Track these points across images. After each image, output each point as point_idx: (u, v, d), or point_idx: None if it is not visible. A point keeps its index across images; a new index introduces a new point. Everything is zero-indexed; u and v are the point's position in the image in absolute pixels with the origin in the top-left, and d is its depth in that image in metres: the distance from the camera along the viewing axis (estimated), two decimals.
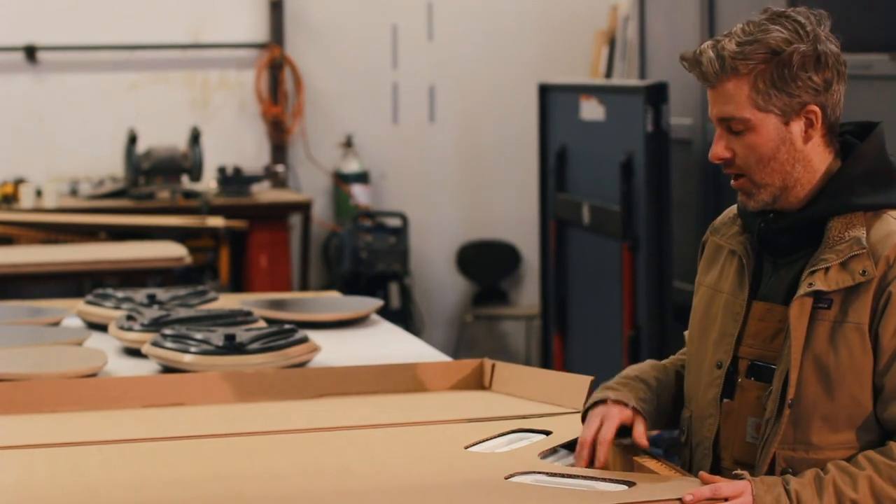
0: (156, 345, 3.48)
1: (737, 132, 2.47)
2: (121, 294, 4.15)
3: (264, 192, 7.79)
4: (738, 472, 2.38)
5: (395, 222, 7.96)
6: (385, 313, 4.37)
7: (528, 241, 8.16)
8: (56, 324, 4.05)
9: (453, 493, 2.45)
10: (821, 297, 2.42)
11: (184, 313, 3.85)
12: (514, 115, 8.22)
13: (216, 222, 6.99)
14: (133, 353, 3.64)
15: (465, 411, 2.99)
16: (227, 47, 8.01)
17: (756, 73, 2.43)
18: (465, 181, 8.36)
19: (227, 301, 4.29)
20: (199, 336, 3.47)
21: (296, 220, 7.93)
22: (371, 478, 2.54)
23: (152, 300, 4.10)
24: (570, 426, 2.75)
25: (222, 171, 7.60)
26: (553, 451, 2.64)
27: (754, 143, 2.46)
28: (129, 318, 3.79)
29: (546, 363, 6.83)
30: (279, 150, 8.07)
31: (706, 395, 2.57)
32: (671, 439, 5.21)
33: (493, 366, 3.27)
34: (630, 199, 6.01)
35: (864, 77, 4.95)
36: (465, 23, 8.25)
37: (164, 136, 7.67)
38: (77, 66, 7.83)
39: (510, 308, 8.38)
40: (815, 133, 2.47)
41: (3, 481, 2.54)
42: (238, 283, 7.52)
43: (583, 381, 2.96)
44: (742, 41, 2.44)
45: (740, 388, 2.53)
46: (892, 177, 2.48)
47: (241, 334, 3.49)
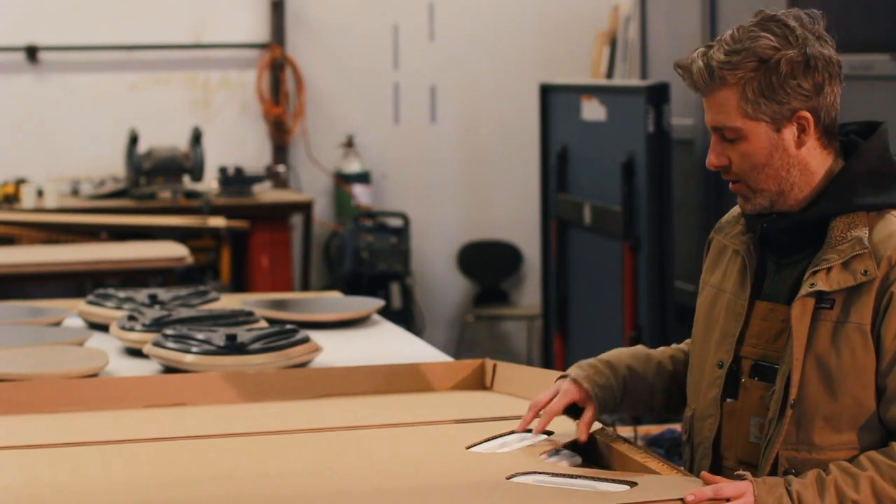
0: (157, 345, 3.48)
1: (730, 140, 2.47)
2: (122, 294, 4.15)
3: (265, 193, 7.79)
4: (740, 472, 2.38)
5: (396, 222, 7.96)
6: (386, 313, 4.36)
7: (529, 242, 8.16)
8: (57, 324, 4.05)
9: (455, 493, 2.44)
10: (823, 298, 2.42)
11: (185, 313, 3.85)
12: (515, 116, 8.21)
13: (217, 222, 6.99)
14: (134, 353, 3.64)
15: (466, 411, 2.98)
16: (229, 47, 8.01)
17: (744, 82, 2.42)
18: (467, 181, 8.36)
19: (229, 301, 4.29)
20: (200, 336, 3.47)
21: (297, 220, 7.92)
22: (372, 478, 2.54)
23: (154, 300, 4.10)
24: (571, 427, 2.74)
25: (223, 171, 7.61)
26: (555, 451, 2.64)
27: (747, 151, 2.46)
28: (131, 318, 3.79)
29: (547, 363, 6.83)
30: (280, 150, 8.07)
31: (707, 395, 2.57)
32: (672, 439, 5.22)
33: (495, 366, 3.27)
34: (631, 199, 6.01)
35: (865, 77, 4.95)
36: (467, 23, 8.25)
37: (165, 137, 7.68)
38: (78, 66, 7.83)
39: (511, 308, 8.38)
40: (808, 138, 2.46)
41: (5, 481, 2.54)
42: (239, 284, 7.52)
43: None
44: (730, 50, 2.43)
45: (744, 388, 2.53)
46: (894, 177, 2.48)
47: (243, 334, 3.49)
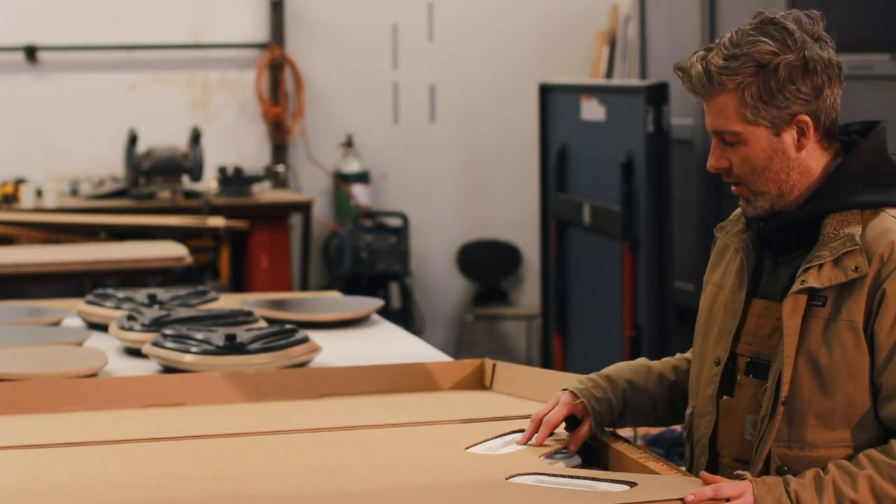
0: (156, 345, 3.48)
1: (730, 144, 2.48)
2: (121, 294, 4.15)
3: (265, 192, 7.79)
4: (740, 472, 2.38)
5: (395, 222, 7.96)
6: (385, 313, 4.36)
7: (528, 241, 8.16)
8: (56, 324, 4.05)
9: (454, 493, 2.44)
10: (815, 295, 2.42)
11: (184, 313, 3.85)
12: (514, 115, 8.21)
13: (217, 222, 6.99)
14: (133, 353, 3.64)
15: (465, 411, 2.98)
16: (228, 47, 8.01)
17: (743, 87, 2.42)
18: (466, 181, 8.35)
19: (228, 301, 4.29)
20: (199, 336, 3.47)
21: (296, 220, 7.92)
22: (371, 478, 2.54)
23: (153, 300, 4.10)
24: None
25: (223, 171, 7.60)
26: (554, 451, 2.64)
27: (747, 155, 2.47)
28: (130, 318, 3.79)
29: (546, 363, 6.83)
30: (280, 150, 8.06)
31: (705, 393, 2.58)
32: (672, 438, 5.22)
33: (494, 366, 3.27)
34: (631, 199, 6.01)
35: (865, 77, 4.94)
36: (466, 23, 8.25)
37: (164, 137, 7.67)
38: (77, 66, 7.83)
39: (511, 308, 8.37)
40: (807, 141, 2.46)
41: (4, 481, 2.54)
42: (238, 283, 7.52)
43: None
44: (728, 55, 2.43)
45: (739, 386, 2.53)
46: (891, 175, 2.48)
47: (242, 334, 3.49)
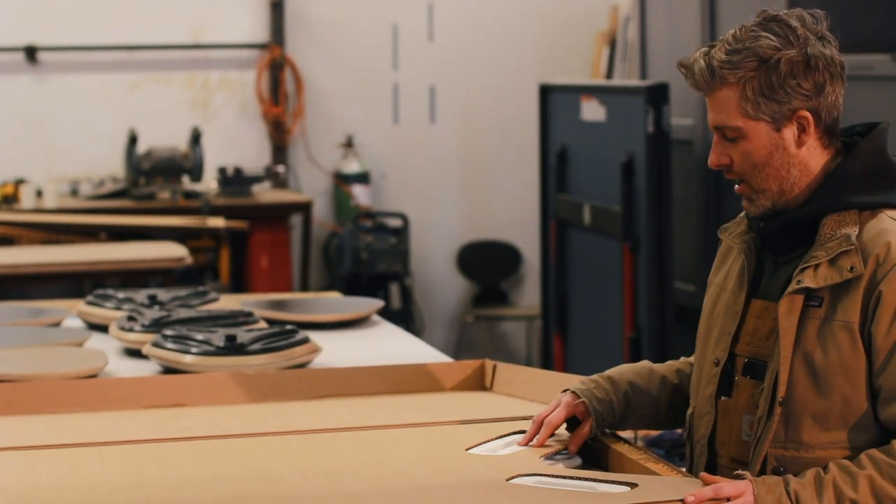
0: (156, 345, 3.47)
1: (731, 139, 2.48)
2: (121, 295, 4.15)
3: (265, 193, 7.79)
4: (740, 472, 2.38)
5: (395, 223, 7.95)
6: (386, 314, 4.36)
7: (528, 242, 8.16)
8: (56, 324, 4.05)
9: (455, 494, 2.44)
10: (812, 295, 2.42)
11: (184, 314, 3.84)
12: (514, 116, 8.21)
13: (217, 223, 6.99)
14: (134, 353, 3.64)
15: (466, 412, 2.98)
16: (228, 48, 8.01)
17: (745, 81, 2.43)
18: (466, 182, 8.35)
19: (228, 302, 4.29)
20: (199, 337, 3.47)
21: (296, 220, 7.92)
22: (372, 479, 2.54)
23: (153, 301, 4.10)
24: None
25: (223, 171, 7.60)
26: (555, 452, 2.64)
27: (747, 150, 2.47)
28: (130, 318, 3.79)
29: (546, 364, 6.82)
30: (280, 150, 8.06)
31: (704, 393, 2.59)
32: (672, 440, 5.22)
33: (495, 367, 3.27)
34: (631, 199, 6.01)
35: (865, 78, 4.94)
36: (466, 23, 8.25)
37: (164, 137, 7.67)
38: (78, 66, 7.82)
39: (511, 309, 8.37)
40: (808, 137, 2.47)
41: (4, 482, 2.54)
42: (238, 284, 7.51)
43: None
44: (731, 49, 2.44)
45: (737, 386, 2.54)
46: (890, 176, 2.48)
47: (242, 335, 3.49)
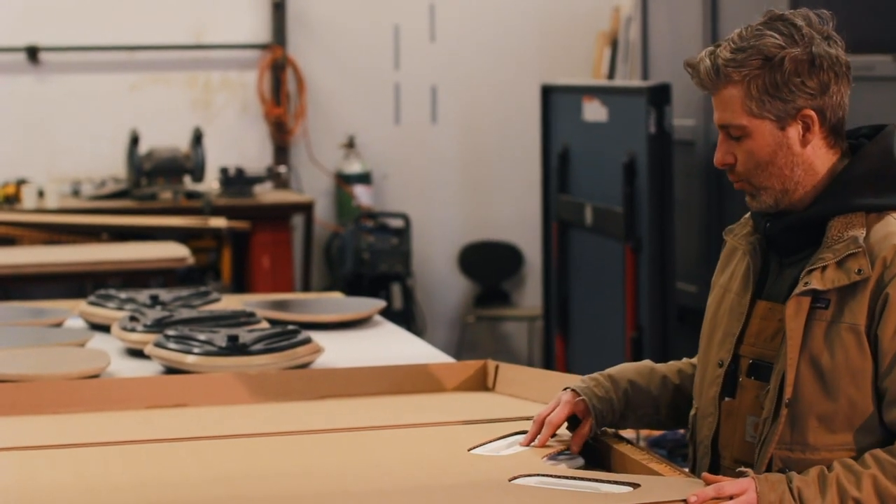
0: (159, 346, 3.47)
1: (736, 138, 2.49)
2: (123, 295, 4.14)
3: (266, 193, 7.79)
4: (742, 469, 2.38)
5: (397, 223, 7.95)
6: (387, 314, 4.36)
7: (530, 242, 8.16)
8: (58, 325, 4.05)
9: (457, 495, 2.44)
10: (818, 297, 2.42)
11: (186, 314, 3.84)
12: (516, 116, 8.21)
13: (218, 223, 6.99)
14: (136, 353, 3.63)
15: (468, 413, 2.98)
16: (230, 48, 8.01)
17: (749, 80, 2.44)
18: (468, 182, 8.35)
19: (230, 302, 4.29)
20: (202, 337, 3.47)
21: (298, 220, 7.92)
22: (374, 480, 2.54)
23: (155, 301, 4.10)
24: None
25: (224, 171, 7.60)
26: (557, 453, 2.64)
27: (752, 149, 2.48)
28: (132, 318, 3.79)
29: (548, 364, 6.82)
30: (281, 150, 8.06)
31: (707, 394, 2.59)
32: (675, 440, 5.23)
33: (497, 367, 3.27)
34: (633, 200, 6.01)
35: (866, 78, 4.95)
36: (468, 23, 8.25)
37: (166, 137, 7.67)
38: (79, 66, 7.83)
39: (512, 309, 8.37)
40: (813, 136, 2.47)
41: (5, 482, 2.54)
42: (240, 284, 7.51)
43: None
44: (736, 48, 2.45)
45: (741, 387, 2.54)
46: None
47: (244, 335, 3.48)
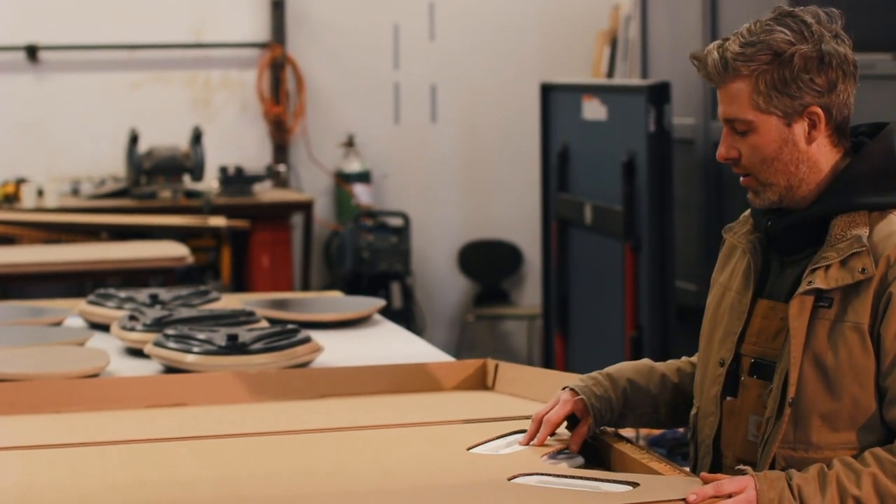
0: (158, 345, 3.47)
1: (741, 132, 2.48)
2: (123, 294, 4.14)
3: (266, 192, 7.79)
4: (741, 466, 2.38)
5: (396, 222, 7.95)
6: (387, 313, 4.36)
7: (529, 241, 8.16)
8: (58, 324, 4.04)
9: (456, 494, 2.44)
10: (822, 296, 2.42)
11: (186, 313, 3.84)
12: (516, 115, 8.21)
13: (218, 222, 6.99)
14: (135, 353, 3.63)
15: (468, 412, 2.98)
16: (229, 47, 8.01)
17: (758, 74, 2.43)
18: (467, 181, 8.35)
19: (230, 301, 4.28)
20: (201, 336, 3.46)
21: (297, 219, 7.92)
22: (373, 479, 2.53)
23: (154, 300, 4.09)
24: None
25: (224, 170, 7.60)
26: (556, 452, 2.64)
27: (757, 144, 2.47)
28: (132, 318, 3.79)
29: (548, 363, 6.82)
30: (281, 149, 8.06)
31: (709, 393, 2.58)
32: (674, 439, 5.23)
33: (497, 366, 3.27)
34: (632, 199, 6.01)
35: (867, 77, 4.91)
36: (467, 22, 8.25)
37: (165, 136, 7.67)
38: (78, 65, 7.82)
39: (512, 308, 8.37)
40: (818, 134, 2.47)
41: (5, 482, 2.54)
42: (240, 283, 7.51)
43: None
44: (745, 42, 2.44)
45: (743, 387, 2.53)
46: None
47: (244, 334, 3.48)
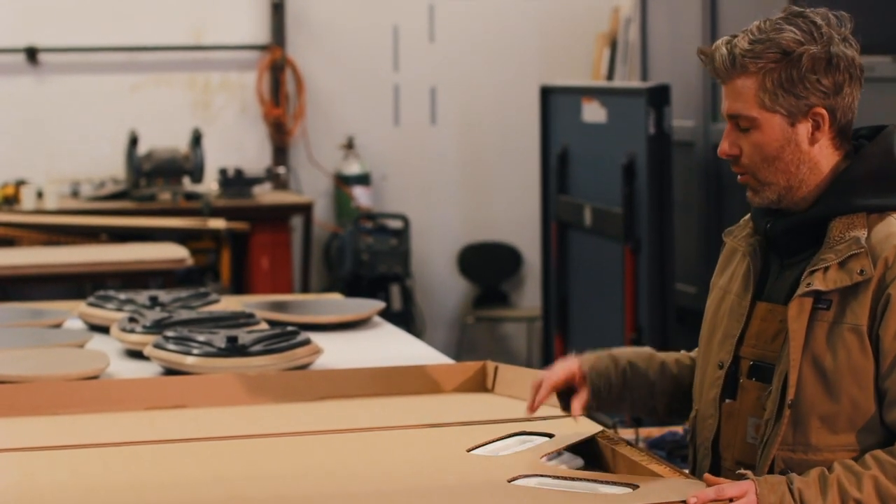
0: (158, 347, 3.47)
1: (744, 129, 2.48)
2: (122, 296, 4.14)
3: (265, 194, 7.78)
4: (742, 471, 2.38)
5: (396, 224, 7.95)
6: (386, 315, 4.36)
7: (529, 243, 8.16)
8: (58, 326, 4.04)
9: (456, 495, 2.44)
10: (821, 298, 2.42)
11: (186, 315, 3.84)
12: (515, 117, 8.21)
13: (217, 224, 6.99)
14: (135, 355, 3.63)
15: (468, 414, 2.98)
16: (229, 49, 8.01)
17: (765, 72, 2.43)
18: (467, 183, 8.35)
19: (229, 303, 4.28)
20: (201, 338, 3.46)
21: (297, 221, 7.92)
22: (373, 481, 2.53)
23: (154, 302, 4.09)
24: (572, 429, 2.75)
25: (223, 172, 7.60)
26: (556, 453, 2.64)
27: (759, 142, 2.47)
28: (131, 319, 3.79)
29: (547, 365, 6.80)
30: (280, 151, 8.06)
31: (708, 396, 2.58)
32: (674, 441, 5.22)
33: (496, 368, 3.27)
34: (632, 201, 6.01)
35: (867, 79, 4.93)
36: (467, 24, 8.25)
37: (165, 138, 7.67)
38: (78, 67, 7.82)
39: (511, 310, 8.37)
40: (821, 135, 2.47)
41: (5, 483, 2.54)
42: (239, 285, 7.51)
43: None
44: (755, 39, 2.44)
45: (742, 389, 2.53)
46: None
47: (244, 336, 3.48)
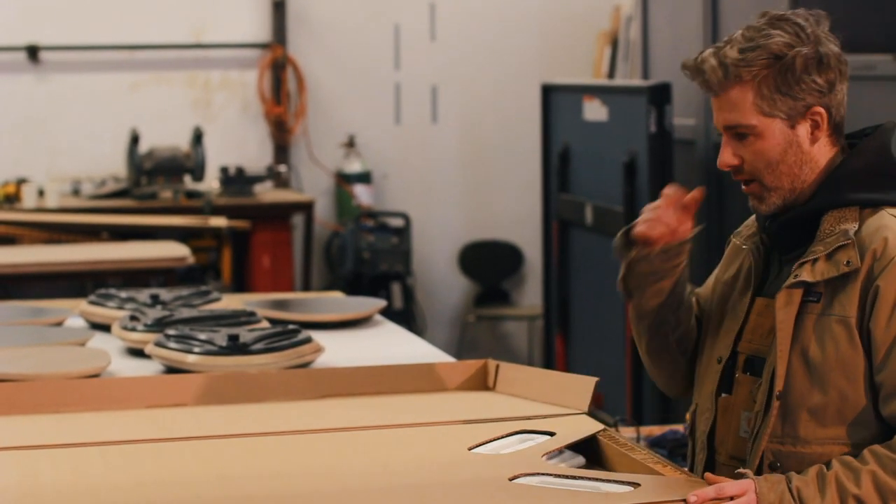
0: (159, 345, 3.47)
1: (743, 138, 2.48)
2: (124, 294, 4.14)
3: (267, 193, 7.79)
4: (741, 470, 2.38)
5: (397, 222, 7.96)
6: (387, 313, 4.36)
7: (530, 242, 8.16)
8: (59, 324, 4.04)
9: (457, 494, 2.44)
10: (810, 291, 2.43)
11: (187, 313, 3.84)
12: (516, 116, 8.21)
13: (219, 222, 6.99)
14: (136, 353, 3.63)
15: (469, 412, 2.98)
16: (230, 47, 8.01)
17: (760, 78, 2.44)
18: (468, 181, 8.35)
19: (230, 301, 4.28)
20: (202, 336, 3.46)
21: (298, 220, 7.92)
22: (374, 479, 2.54)
23: (155, 300, 4.09)
24: (574, 427, 2.75)
25: (225, 171, 7.61)
26: (557, 452, 2.64)
27: (761, 149, 2.47)
28: (133, 318, 3.79)
29: (548, 364, 6.82)
30: (281, 150, 8.06)
31: (706, 390, 2.60)
32: (675, 440, 5.22)
33: (498, 366, 3.26)
34: (633, 199, 6.01)
35: (867, 78, 4.94)
36: (468, 23, 8.25)
37: (166, 136, 7.68)
38: (79, 65, 7.83)
39: (512, 308, 8.37)
40: (821, 134, 2.48)
41: (6, 482, 2.54)
42: (240, 284, 7.52)
43: (587, 383, 2.94)
44: (744, 47, 2.44)
45: (737, 383, 2.55)
46: (893, 174, 2.48)
47: (245, 335, 3.48)
